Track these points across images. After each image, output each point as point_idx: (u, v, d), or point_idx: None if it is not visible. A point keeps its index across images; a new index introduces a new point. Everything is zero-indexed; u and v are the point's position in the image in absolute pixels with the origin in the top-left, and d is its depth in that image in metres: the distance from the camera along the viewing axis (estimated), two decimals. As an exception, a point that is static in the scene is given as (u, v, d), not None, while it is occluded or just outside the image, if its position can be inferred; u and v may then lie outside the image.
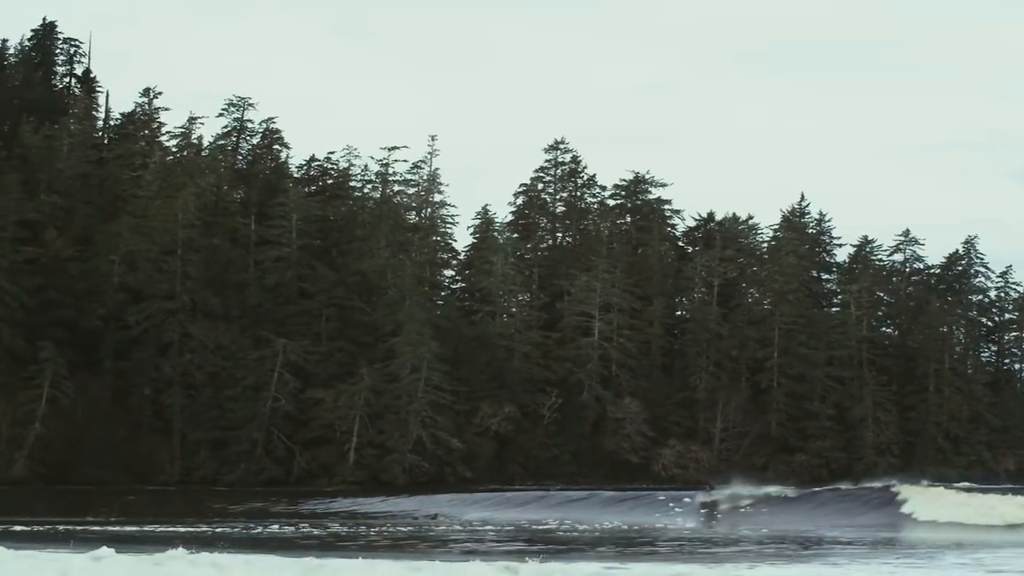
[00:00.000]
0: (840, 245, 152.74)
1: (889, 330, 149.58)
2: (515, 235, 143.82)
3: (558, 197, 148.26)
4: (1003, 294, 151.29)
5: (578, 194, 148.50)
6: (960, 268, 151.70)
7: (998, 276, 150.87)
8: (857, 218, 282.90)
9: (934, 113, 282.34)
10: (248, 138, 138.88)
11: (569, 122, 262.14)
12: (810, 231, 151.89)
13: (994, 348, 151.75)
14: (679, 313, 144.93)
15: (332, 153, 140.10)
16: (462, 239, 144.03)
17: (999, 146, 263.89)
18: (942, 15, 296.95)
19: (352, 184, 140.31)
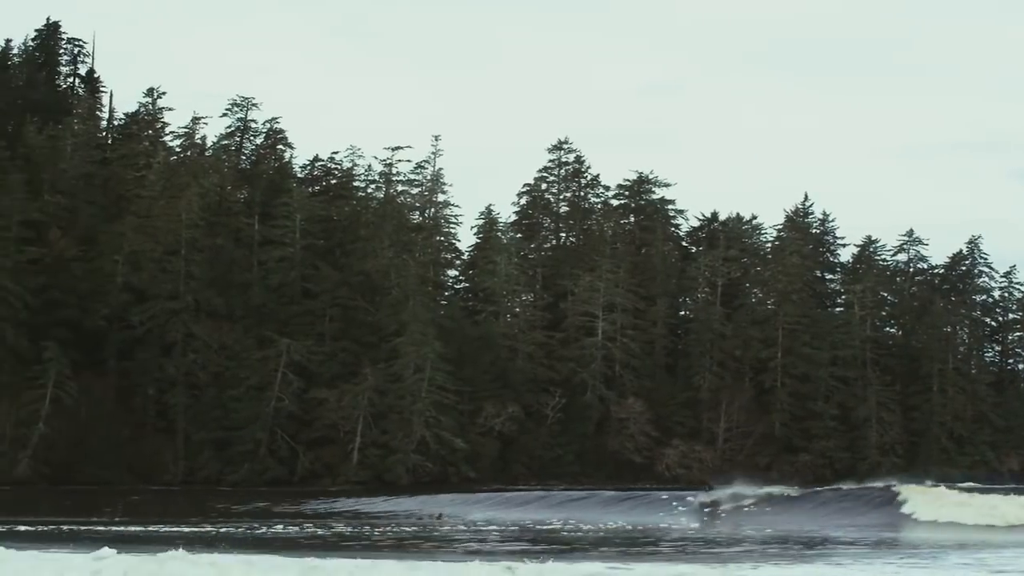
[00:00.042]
0: (844, 245, 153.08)
1: (893, 330, 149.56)
2: (519, 235, 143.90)
3: (562, 197, 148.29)
4: (1007, 294, 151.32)
5: (582, 194, 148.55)
6: (964, 268, 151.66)
7: (1002, 276, 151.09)
8: (861, 218, 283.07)
9: (938, 113, 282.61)
10: (252, 138, 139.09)
11: (573, 122, 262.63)
12: (814, 231, 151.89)
13: (998, 348, 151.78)
14: (683, 313, 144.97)
15: (336, 153, 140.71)
16: (466, 239, 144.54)
17: (1003, 146, 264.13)
18: (946, 15, 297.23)
19: (356, 184, 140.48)
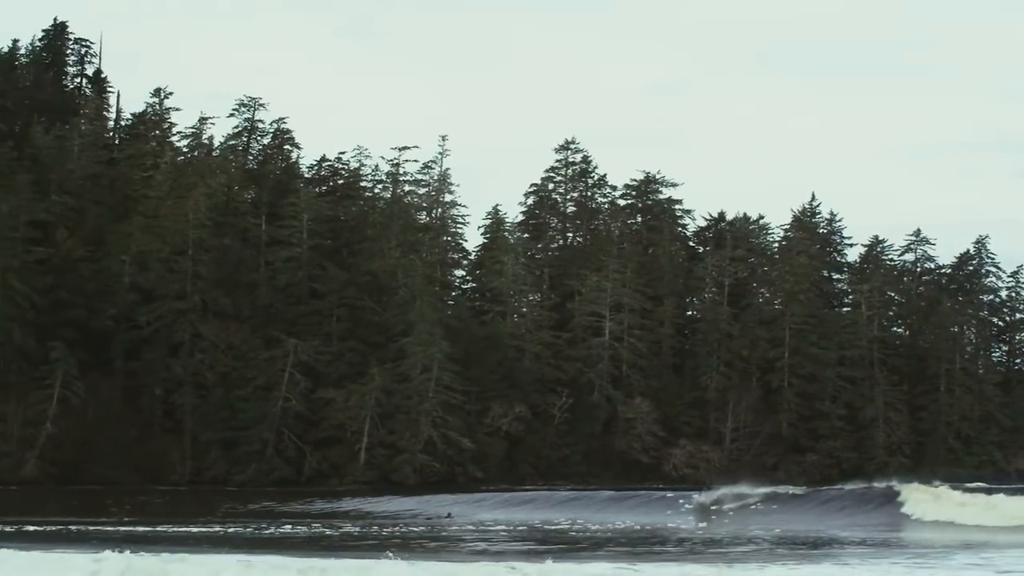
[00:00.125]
0: (851, 245, 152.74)
1: (900, 330, 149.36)
2: (526, 235, 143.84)
3: (569, 197, 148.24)
4: (1014, 294, 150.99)
5: (589, 194, 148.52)
6: (971, 268, 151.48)
7: (1009, 276, 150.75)
8: (868, 218, 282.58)
9: (945, 113, 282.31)
10: (259, 138, 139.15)
11: (580, 122, 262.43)
12: (821, 231, 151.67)
13: (1005, 348, 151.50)
14: (690, 313, 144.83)
15: (343, 153, 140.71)
16: (473, 239, 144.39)
17: (1010, 146, 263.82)
18: (952, 15, 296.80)
19: (363, 184, 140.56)
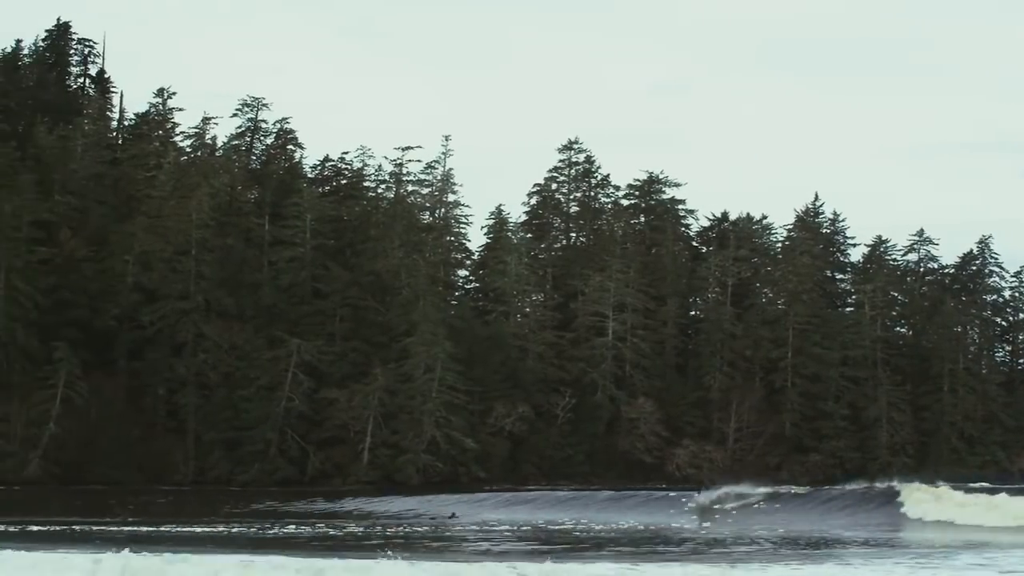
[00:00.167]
0: (854, 245, 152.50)
1: (903, 330, 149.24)
2: (529, 235, 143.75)
3: (572, 197, 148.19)
4: (1017, 294, 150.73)
5: (592, 194, 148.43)
6: (974, 268, 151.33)
7: (1012, 276, 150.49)
8: (871, 218, 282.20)
9: (948, 113, 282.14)
10: (262, 138, 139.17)
11: (582, 122, 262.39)
12: (824, 231, 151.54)
13: (1008, 348, 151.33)
14: (693, 313, 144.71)
15: (346, 153, 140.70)
16: (476, 239, 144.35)
17: (1014, 146, 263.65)
18: (955, 15, 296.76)
19: (366, 184, 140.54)
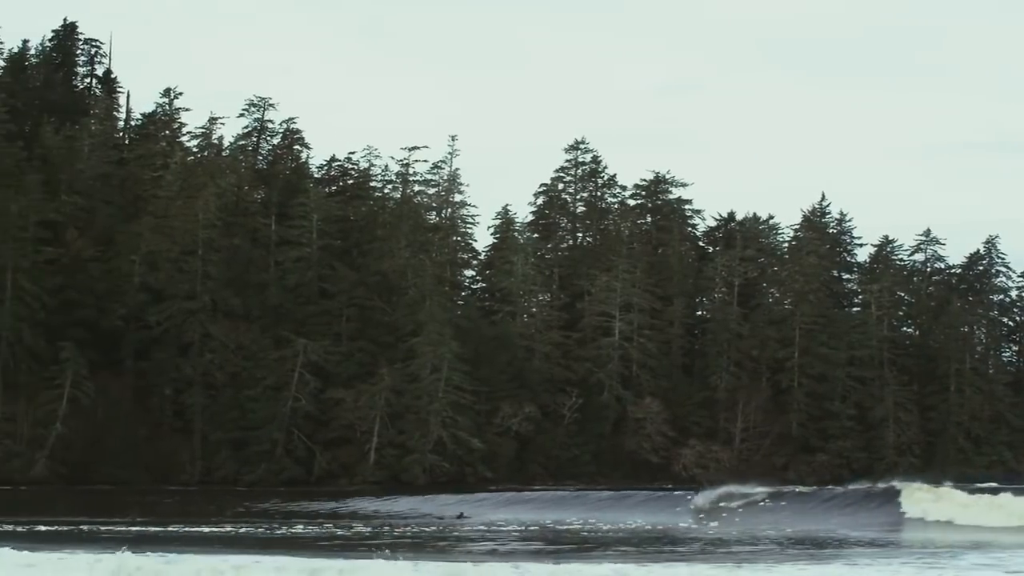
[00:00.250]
0: (861, 245, 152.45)
1: (910, 330, 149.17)
2: (535, 235, 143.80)
3: (578, 197, 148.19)
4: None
5: (598, 194, 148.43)
6: (981, 268, 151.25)
7: (1019, 276, 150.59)
8: (878, 218, 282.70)
9: (956, 113, 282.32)
10: (269, 138, 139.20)
11: (590, 122, 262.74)
12: (831, 231, 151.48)
13: (1015, 348, 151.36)
14: (699, 313, 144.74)
15: (352, 153, 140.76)
16: (482, 239, 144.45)
17: (1021, 146, 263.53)
18: (964, 15, 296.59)
19: (372, 184, 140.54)
